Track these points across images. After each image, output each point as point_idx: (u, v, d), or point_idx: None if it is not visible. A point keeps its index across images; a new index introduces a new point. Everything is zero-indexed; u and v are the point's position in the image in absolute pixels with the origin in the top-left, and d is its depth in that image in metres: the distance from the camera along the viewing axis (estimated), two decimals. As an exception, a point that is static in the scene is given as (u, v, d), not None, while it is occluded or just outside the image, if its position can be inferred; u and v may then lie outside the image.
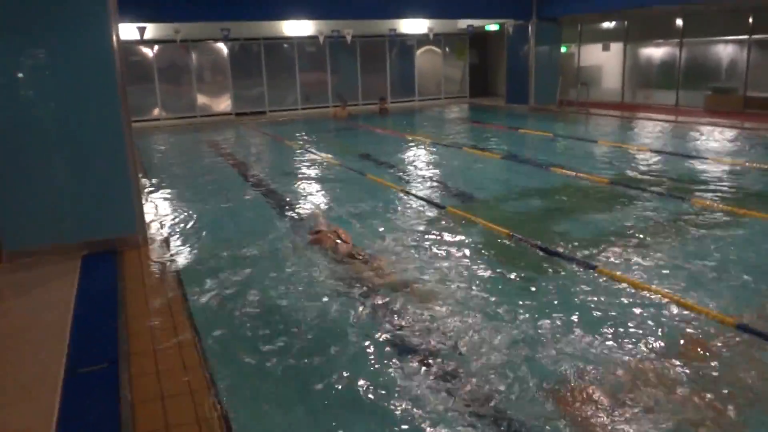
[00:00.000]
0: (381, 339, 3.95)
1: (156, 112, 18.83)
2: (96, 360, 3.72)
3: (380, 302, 4.50)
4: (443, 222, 6.61)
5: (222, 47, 19.32)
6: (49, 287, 4.96)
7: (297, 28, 19.06)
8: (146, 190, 8.73)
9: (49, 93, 5.50)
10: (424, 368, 3.57)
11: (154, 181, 9.58)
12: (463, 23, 20.82)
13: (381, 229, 6.36)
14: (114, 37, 5.59)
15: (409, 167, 10.14)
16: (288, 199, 8.04)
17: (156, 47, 18.47)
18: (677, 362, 3.56)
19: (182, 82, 19.22)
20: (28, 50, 5.36)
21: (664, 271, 4.95)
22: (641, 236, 5.87)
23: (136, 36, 16.64)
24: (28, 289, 4.97)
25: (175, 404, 3.18)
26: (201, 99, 19.49)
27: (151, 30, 17.29)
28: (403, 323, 4.17)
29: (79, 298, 4.72)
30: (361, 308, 4.41)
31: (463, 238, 6.01)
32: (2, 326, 4.25)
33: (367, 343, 3.89)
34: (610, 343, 3.82)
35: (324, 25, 18.97)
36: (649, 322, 4.08)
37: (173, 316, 4.33)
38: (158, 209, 7.66)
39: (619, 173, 8.94)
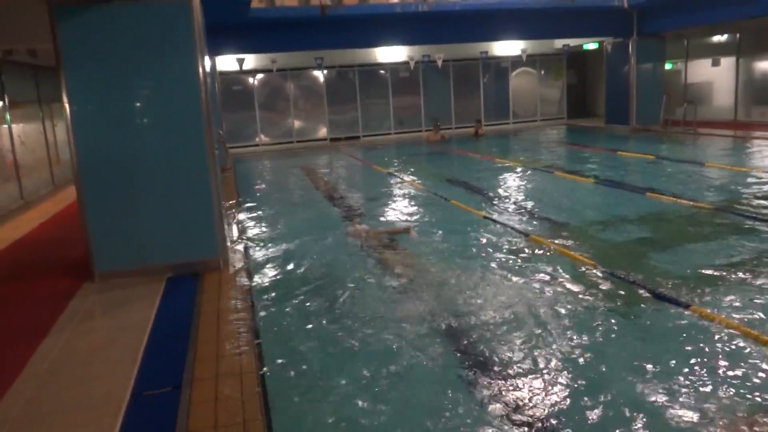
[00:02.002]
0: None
1: (256, 138, 19.67)
2: (162, 383, 3.79)
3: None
4: (523, 251, 6.29)
5: (318, 75, 19.92)
6: (132, 308, 5.17)
7: (390, 54, 19.31)
8: (234, 213, 9.03)
9: (139, 125, 5.79)
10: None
11: (244, 203, 9.90)
12: (559, 43, 20.24)
13: (446, 254, 6.20)
14: (200, 69, 5.83)
15: (495, 192, 9.83)
16: (369, 225, 8.00)
17: (255, 77, 19.37)
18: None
19: (280, 109, 19.97)
20: (118, 83, 5.68)
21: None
22: (749, 272, 5.26)
23: (236, 67, 17.56)
24: (113, 308, 5.21)
25: (226, 434, 3.15)
26: (298, 125, 20.15)
27: (251, 61, 18.18)
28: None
29: (157, 319, 4.87)
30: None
31: (543, 268, 5.67)
32: (84, 345, 4.45)
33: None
34: (708, 395, 3.39)
35: (415, 51, 19.09)
36: (751, 372, 3.59)
37: (240, 342, 4.34)
38: (243, 232, 7.88)
39: (729, 200, 8.16)
